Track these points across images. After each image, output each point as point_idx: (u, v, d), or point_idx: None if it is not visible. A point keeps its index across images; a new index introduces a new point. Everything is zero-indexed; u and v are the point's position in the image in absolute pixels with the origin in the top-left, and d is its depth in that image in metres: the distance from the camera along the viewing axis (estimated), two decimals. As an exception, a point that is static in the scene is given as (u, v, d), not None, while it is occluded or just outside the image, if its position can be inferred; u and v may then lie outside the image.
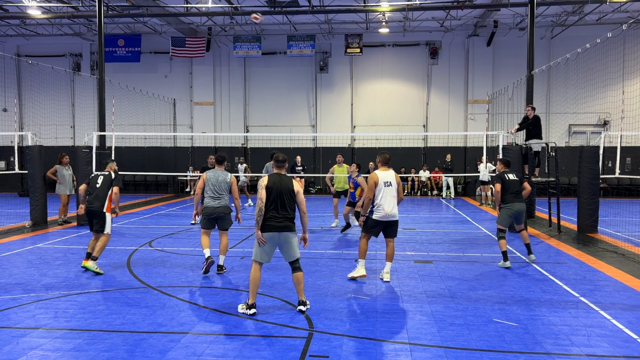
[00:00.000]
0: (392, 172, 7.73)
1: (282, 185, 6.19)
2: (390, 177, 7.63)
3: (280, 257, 9.31)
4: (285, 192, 6.18)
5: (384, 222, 7.56)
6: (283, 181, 6.22)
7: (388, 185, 7.54)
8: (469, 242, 11.24)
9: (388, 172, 7.68)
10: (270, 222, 6.11)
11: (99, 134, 15.20)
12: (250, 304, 6.15)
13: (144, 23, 23.73)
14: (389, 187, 7.54)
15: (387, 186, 7.53)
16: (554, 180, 12.89)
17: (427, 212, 17.24)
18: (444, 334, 5.45)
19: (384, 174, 7.62)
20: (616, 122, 22.56)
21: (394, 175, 7.67)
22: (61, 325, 5.72)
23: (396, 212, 7.59)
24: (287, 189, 6.20)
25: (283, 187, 6.18)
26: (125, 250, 10.11)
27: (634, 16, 21.55)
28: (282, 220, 6.13)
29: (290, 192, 6.21)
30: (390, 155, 7.88)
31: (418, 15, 22.30)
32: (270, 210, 6.13)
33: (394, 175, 7.68)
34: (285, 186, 6.20)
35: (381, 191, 7.50)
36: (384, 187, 7.51)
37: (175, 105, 25.98)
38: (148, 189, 25.43)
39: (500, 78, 23.54)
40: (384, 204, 7.49)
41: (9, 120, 25.31)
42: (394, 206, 7.55)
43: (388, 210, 7.49)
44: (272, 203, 6.13)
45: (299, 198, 6.28)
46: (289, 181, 6.27)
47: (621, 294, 7.00)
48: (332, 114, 25.17)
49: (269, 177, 6.25)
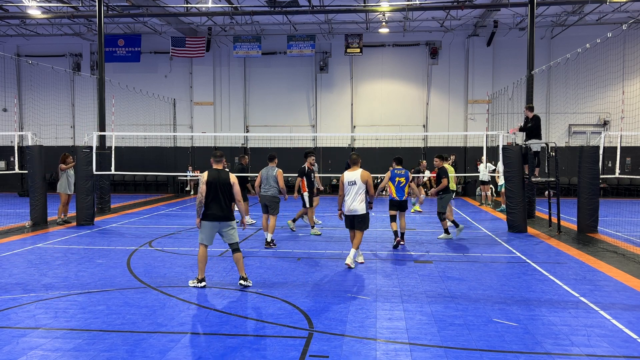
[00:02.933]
0: (359, 172, 8.60)
1: (221, 179, 7.07)
2: (355, 176, 8.58)
3: (280, 258, 9.33)
4: (224, 185, 7.05)
5: (350, 216, 8.65)
6: (221, 176, 7.09)
7: (352, 184, 8.58)
8: (469, 242, 11.23)
9: (354, 173, 8.63)
10: (211, 212, 7.04)
11: (99, 134, 15.21)
12: (200, 278, 7.22)
13: (144, 23, 23.73)
14: (352, 186, 8.57)
15: (351, 185, 8.58)
16: (554, 180, 12.88)
17: (427, 212, 17.24)
18: (444, 334, 5.45)
19: (349, 174, 8.65)
20: (616, 122, 22.56)
21: (359, 175, 8.55)
22: (61, 325, 5.72)
23: (357, 207, 8.55)
24: (225, 182, 7.07)
25: (221, 181, 7.05)
26: (125, 250, 10.11)
27: (634, 16, 21.55)
28: (221, 211, 7.05)
29: (228, 185, 7.09)
30: (357, 156, 8.85)
31: (418, 15, 22.30)
32: (211, 202, 7.02)
33: (359, 175, 8.56)
34: (223, 180, 7.07)
35: (346, 189, 8.63)
36: (348, 186, 8.61)
37: (175, 105, 25.98)
38: (148, 189, 25.43)
39: (500, 78, 23.54)
40: (347, 200, 8.62)
41: (9, 120, 25.31)
42: (353, 202, 8.54)
43: (349, 205, 8.60)
44: (213, 195, 7.02)
45: (235, 189, 7.16)
46: (227, 175, 7.13)
47: (621, 294, 6.99)
48: (332, 114, 25.17)
49: (208, 173, 7.10)
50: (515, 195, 12.53)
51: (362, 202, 8.57)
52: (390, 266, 8.73)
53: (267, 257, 9.30)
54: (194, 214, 16.25)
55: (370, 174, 8.72)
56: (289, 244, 10.78)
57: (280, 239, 11.40)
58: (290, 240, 11.24)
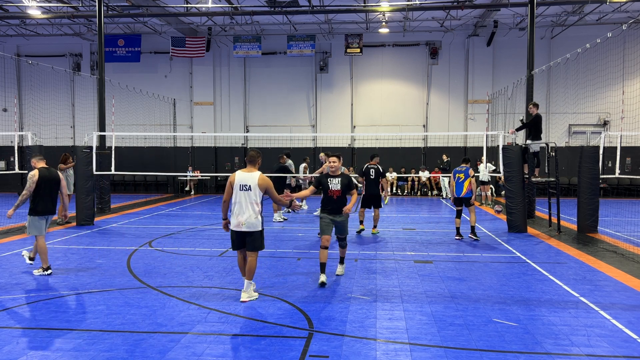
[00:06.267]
0: (257, 176, 6.50)
1: (50, 177, 8.08)
2: (251, 180, 6.45)
3: (280, 258, 9.34)
4: (52, 182, 8.08)
5: (241, 233, 6.48)
6: (51, 174, 8.12)
7: (245, 189, 6.44)
8: (469, 242, 11.24)
9: (250, 174, 6.52)
10: (41, 207, 7.97)
11: (99, 134, 15.20)
12: (45, 267, 8.01)
13: (144, 23, 23.72)
14: (246, 192, 6.44)
15: (244, 190, 6.45)
16: (554, 180, 12.88)
17: (427, 212, 17.24)
18: (444, 334, 5.45)
19: (242, 176, 6.53)
20: (616, 122, 22.56)
21: (256, 180, 6.45)
22: (61, 325, 5.72)
23: (251, 221, 6.42)
24: (54, 180, 8.11)
25: (51, 179, 8.07)
26: (125, 250, 10.11)
27: (634, 16, 21.55)
28: (50, 205, 8.07)
29: (57, 182, 8.16)
30: (256, 152, 6.70)
31: (418, 15, 22.30)
32: (42, 197, 7.95)
33: (257, 179, 6.46)
34: (52, 177, 8.11)
35: (236, 195, 6.49)
36: (240, 191, 6.46)
37: (175, 105, 25.98)
38: (148, 189, 25.42)
39: (500, 78, 23.54)
40: (235, 210, 6.48)
41: (9, 120, 25.31)
42: (243, 213, 6.42)
43: (239, 217, 6.43)
44: (43, 192, 7.97)
45: (62, 184, 8.25)
46: (56, 174, 8.21)
47: (621, 294, 6.99)
48: (332, 114, 25.17)
49: (39, 172, 7.98)
50: (515, 195, 12.53)
51: (257, 215, 6.47)
52: (390, 266, 8.73)
53: (267, 257, 9.30)
54: (194, 214, 16.26)
55: (269, 180, 6.58)
56: (289, 244, 10.78)
57: (280, 238, 11.40)
58: (290, 240, 11.24)
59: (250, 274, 6.62)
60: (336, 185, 7.43)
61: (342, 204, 7.48)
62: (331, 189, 7.44)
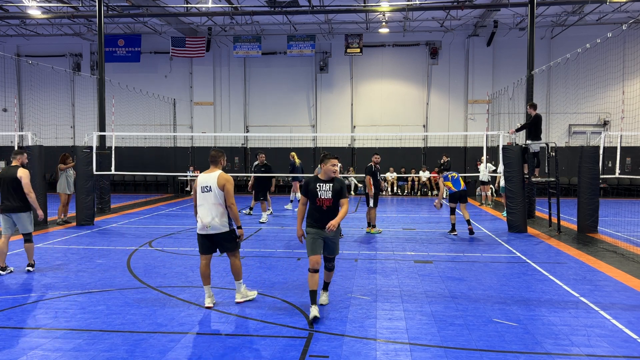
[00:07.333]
0: (216, 175, 6.21)
1: (9, 174, 8.04)
2: (211, 181, 6.18)
3: (280, 258, 9.34)
4: (10, 180, 8.00)
5: (208, 235, 6.26)
6: (10, 171, 8.10)
7: (206, 191, 6.19)
8: (469, 242, 11.24)
9: (210, 175, 6.24)
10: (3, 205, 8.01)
11: (99, 134, 15.20)
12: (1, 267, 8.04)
13: (144, 23, 23.73)
14: (207, 193, 6.18)
15: (205, 191, 6.20)
16: (554, 180, 12.88)
17: (427, 212, 17.24)
18: (444, 334, 5.45)
19: (204, 177, 6.26)
20: (616, 122, 22.56)
21: (216, 179, 6.17)
22: (61, 325, 5.72)
23: (216, 222, 6.17)
24: (11, 177, 8.02)
25: (9, 176, 8.02)
26: (125, 250, 10.11)
27: (634, 16, 21.55)
28: (11, 202, 8.00)
29: (15, 179, 8.00)
30: (217, 152, 6.40)
31: (418, 16, 22.30)
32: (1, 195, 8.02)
33: (216, 178, 6.17)
34: (11, 175, 8.04)
35: (199, 197, 6.25)
36: (202, 193, 6.22)
37: (175, 105, 25.98)
38: (148, 189, 25.42)
39: (500, 78, 23.54)
40: (201, 212, 6.23)
41: (9, 120, 25.31)
42: (208, 215, 6.17)
43: (205, 219, 6.19)
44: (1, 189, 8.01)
45: (23, 182, 8.01)
46: (15, 171, 8.08)
47: (621, 294, 6.99)
48: (332, 114, 25.17)
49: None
50: (515, 195, 12.53)
51: (223, 216, 6.19)
52: (390, 266, 8.73)
53: (267, 257, 9.30)
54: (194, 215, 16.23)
55: (230, 179, 6.25)
56: (289, 244, 10.78)
57: (280, 239, 11.40)
58: (290, 240, 11.24)
59: (237, 275, 6.48)
60: (327, 192, 5.94)
61: (333, 216, 5.92)
62: (320, 197, 5.95)
